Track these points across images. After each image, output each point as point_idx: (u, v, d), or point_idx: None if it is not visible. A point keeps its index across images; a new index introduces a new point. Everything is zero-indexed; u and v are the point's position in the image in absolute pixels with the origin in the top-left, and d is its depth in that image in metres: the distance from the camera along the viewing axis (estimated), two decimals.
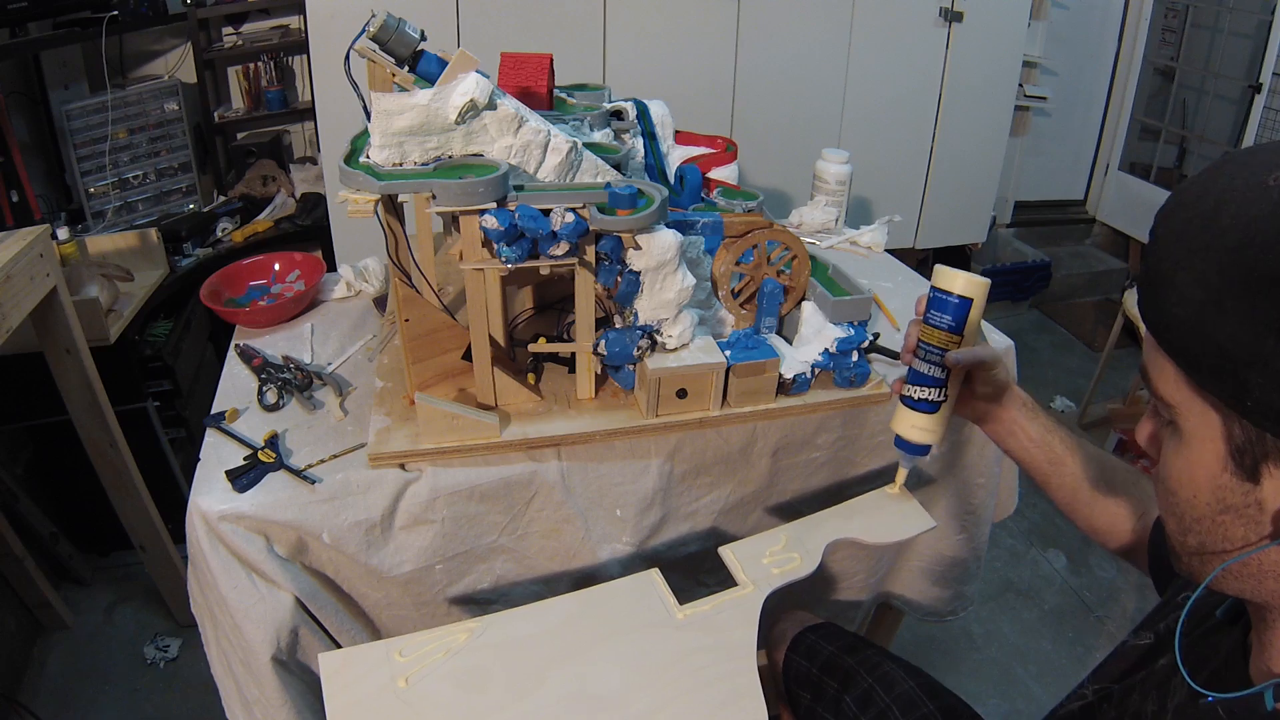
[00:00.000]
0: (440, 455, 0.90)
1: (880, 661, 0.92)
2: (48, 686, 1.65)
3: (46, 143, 2.15)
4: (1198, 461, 0.47)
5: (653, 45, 2.14)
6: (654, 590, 0.74)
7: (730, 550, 0.78)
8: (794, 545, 0.79)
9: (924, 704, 0.86)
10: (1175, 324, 0.45)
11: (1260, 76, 2.69)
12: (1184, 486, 0.49)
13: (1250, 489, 0.45)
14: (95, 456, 1.54)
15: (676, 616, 0.72)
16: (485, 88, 0.79)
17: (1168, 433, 0.50)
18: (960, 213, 2.73)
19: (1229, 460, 0.46)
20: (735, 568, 0.76)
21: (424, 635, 0.70)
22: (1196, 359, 0.45)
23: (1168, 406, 0.48)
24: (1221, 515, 0.47)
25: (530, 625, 0.71)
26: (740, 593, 0.74)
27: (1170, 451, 0.50)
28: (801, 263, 1.03)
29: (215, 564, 0.86)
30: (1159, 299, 0.46)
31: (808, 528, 0.81)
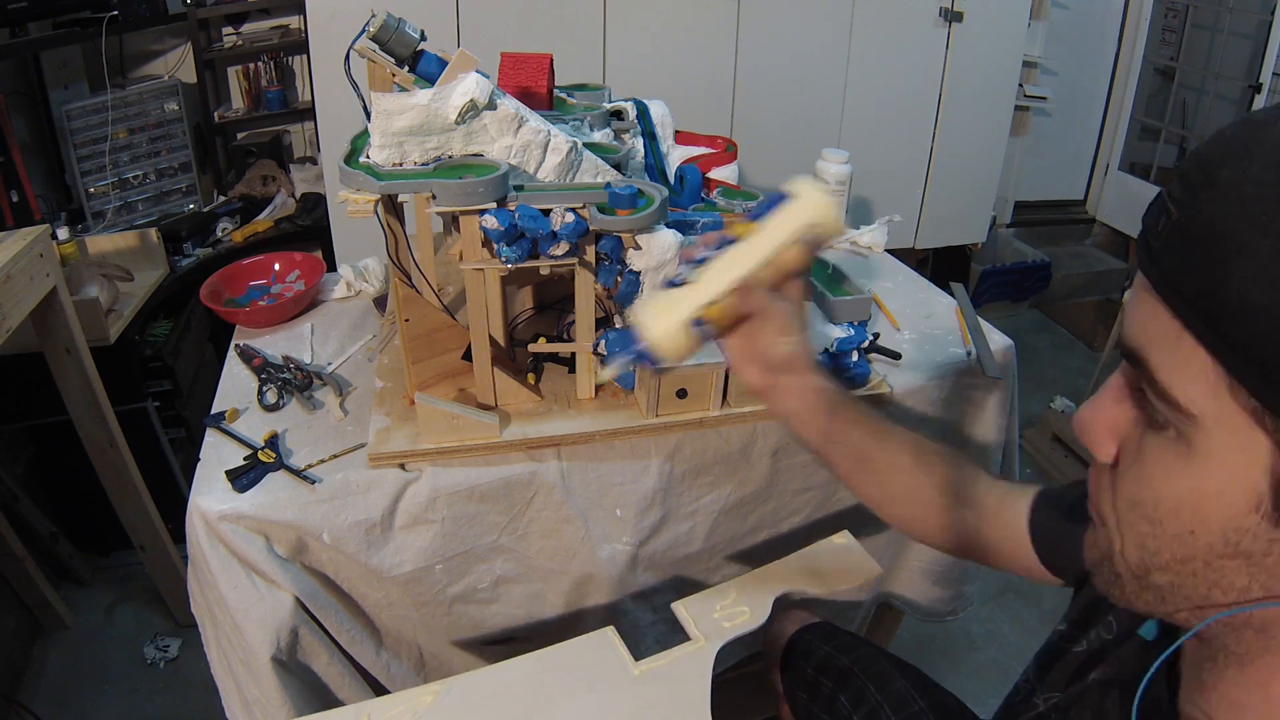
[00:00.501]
0: (440, 455, 0.90)
1: (874, 660, 0.92)
2: (48, 686, 1.65)
3: (46, 143, 2.15)
4: (1214, 493, 0.36)
5: (653, 45, 2.14)
6: (610, 648, 0.76)
7: (682, 605, 0.80)
8: (743, 599, 0.82)
9: (915, 701, 0.86)
10: (1243, 311, 0.33)
11: (1260, 76, 2.69)
12: (1179, 519, 0.38)
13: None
14: (95, 456, 1.54)
15: (633, 672, 0.74)
16: (485, 88, 0.79)
17: (1157, 442, 0.39)
18: (960, 213, 2.72)
19: (1268, 498, 0.35)
20: (688, 623, 0.78)
21: (391, 699, 0.72)
22: (1267, 364, 0.33)
23: (1183, 414, 0.36)
24: (1224, 560, 0.37)
25: (493, 686, 0.74)
26: (693, 647, 0.76)
27: (1163, 470, 0.38)
28: None
29: (215, 564, 0.86)
30: (1214, 269, 0.34)
31: (756, 582, 0.84)
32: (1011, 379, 1.16)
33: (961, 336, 1.15)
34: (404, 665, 1.02)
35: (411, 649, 1.02)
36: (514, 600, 1.02)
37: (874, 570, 0.86)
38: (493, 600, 1.01)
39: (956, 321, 1.20)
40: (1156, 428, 0.39)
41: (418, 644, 1.02)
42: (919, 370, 1.08)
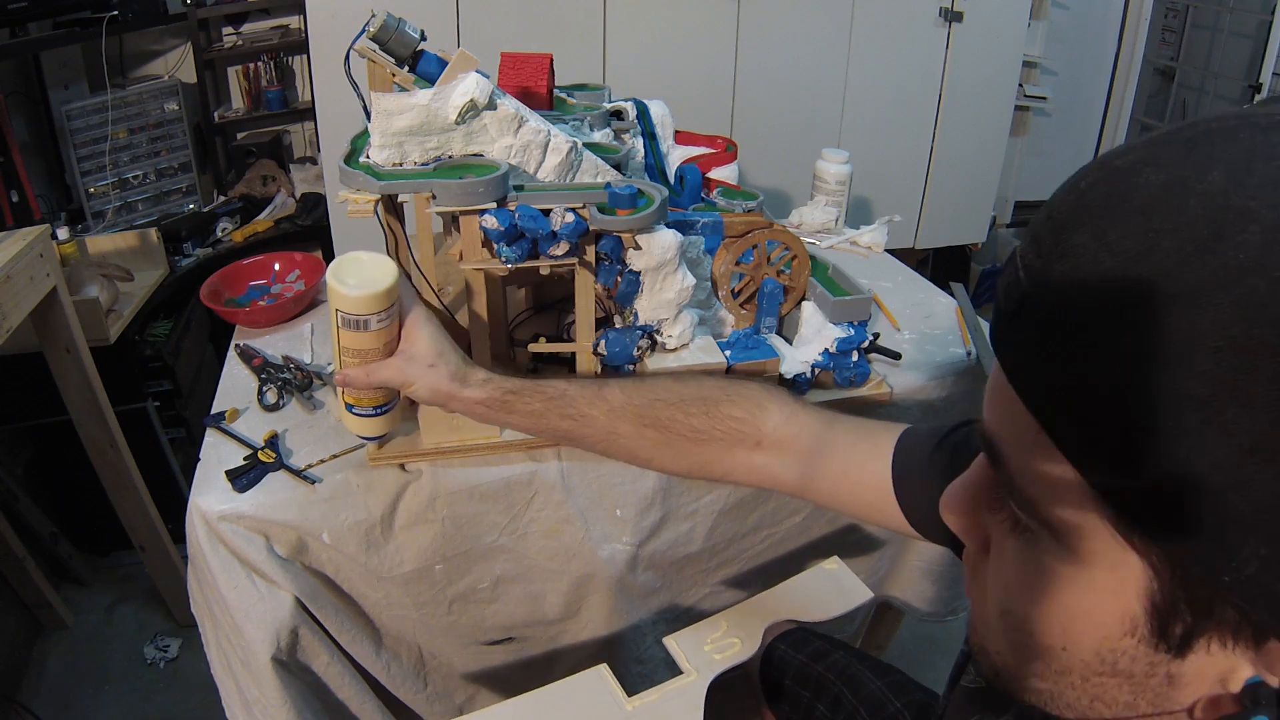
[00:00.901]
0: (440, 455, 0.90)
1: (849, 664, 0.92)
2: (48, 686, 1.65)
3: (46, 143, 2.16)
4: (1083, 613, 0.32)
5: (653, 45, 2.14)
6: (603, 685, 0.76)
7: (674, 640, 0.80)
8: (734, 630, 0.82)
9: (891, 702, 0.86)
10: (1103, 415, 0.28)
11: (1260, 76, 2.69)
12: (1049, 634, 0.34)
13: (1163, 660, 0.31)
14: (95, 456, 1.54)
15: (626, 708, 0.73)
16: (485, 88, 0.79)
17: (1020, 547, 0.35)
18: (960, 213, 2.72)
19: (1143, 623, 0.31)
20: (679, 657, 0.78)
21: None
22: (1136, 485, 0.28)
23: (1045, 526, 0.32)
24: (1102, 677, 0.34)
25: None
26: (685, 680, 0.76)
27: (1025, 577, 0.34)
28: (801, 263, 1.03)
29: (215, 564, 0.86)
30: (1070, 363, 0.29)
31: (746, 613, 0.84)
32: None
33: (961, 336, 1.15)
34: (404, 665, 1.02)
35: (411, 649, 1.02)
36: (514, 600, 1.02)
37: (864, 595, 0.86)
38: (493, 600, 1.01)
39: (956, 321, 1.20)
40: (1020, 530, 0.35)
41: (418, 644, 1.02)
42: (919, 370, 1.08)
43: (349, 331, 0.72)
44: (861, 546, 1.19)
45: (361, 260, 0.71)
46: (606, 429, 0.71)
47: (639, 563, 1.04)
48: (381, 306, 0.70)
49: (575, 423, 0.72)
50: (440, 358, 0.72)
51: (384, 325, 0.72)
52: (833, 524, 1.16)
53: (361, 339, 0.72)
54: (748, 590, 1.17)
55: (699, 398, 0.69)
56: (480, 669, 1.07)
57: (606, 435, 0.72)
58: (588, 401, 0.71)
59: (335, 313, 0.71)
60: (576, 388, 0.72)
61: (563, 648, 1.09)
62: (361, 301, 0.69)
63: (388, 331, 0.73)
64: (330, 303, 0.71)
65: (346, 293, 0.69)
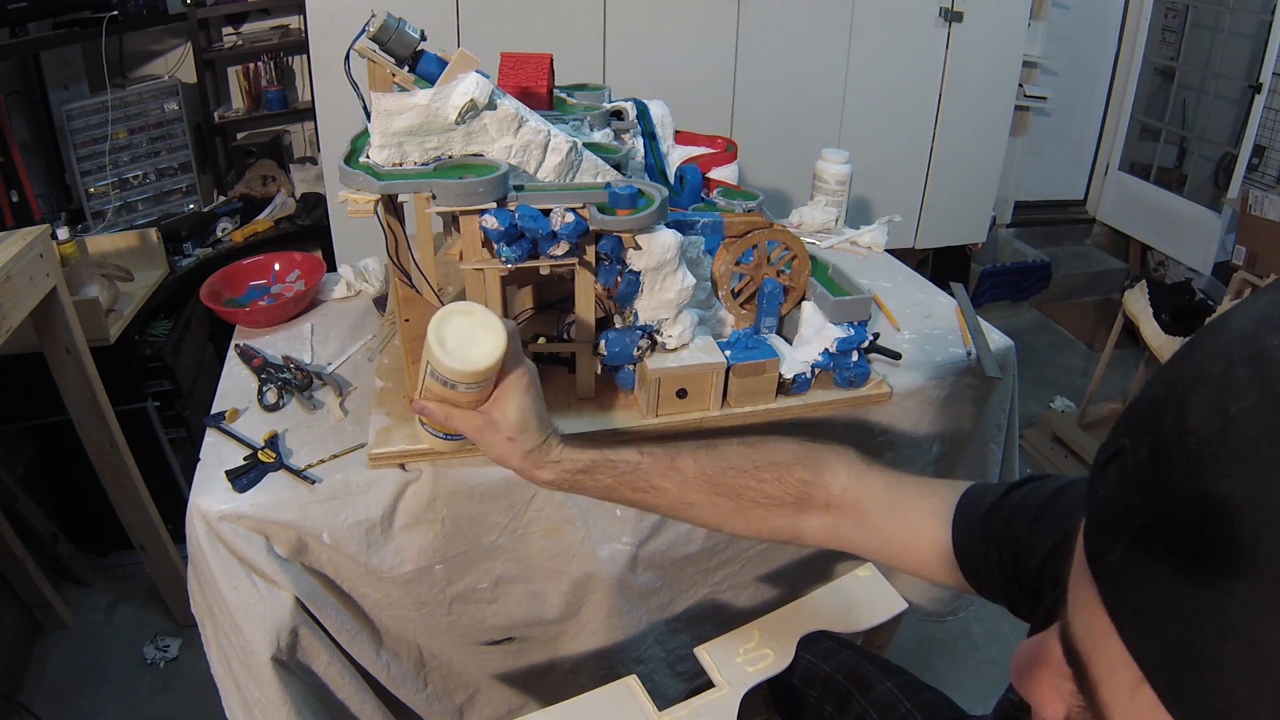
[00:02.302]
0: (440, 455, 0.90)
1: (857, 664, 0.92)
2: (48, 686, 1.65)
3: (46, 143, 2.16)
4: None
5: (653, 45, 2.14)
6: (633, 698, 0.74)
7: (705, 651, 0.78)
8: (767, 641, 0.80)
9: (902, 703, 0.86)
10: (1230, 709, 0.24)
11: (1260, 76, 2.69)
12: None
13: None
14: (95, 456, 1.54)
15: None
16: (485, 88, 0.79)
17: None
18: (960, 213, 2.73)
19: None
20: (711, 669, 0.76)
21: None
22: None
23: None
24: None
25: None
26: (717, 694, 0.74)
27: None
28: (801, 263, 1.03)
29: (215, 564, 0.86)
30: (1201, 643, 0.25)
31: (779, 622, 0.82)
32: (1011, 379, 1.16)
33: (961, 336, 1.15)
34: (404, 665, 1.02)
35: (411, 649, 1.02)
36: (514, 600, 1.02)
37: (899, 605, 0.83)
38: (493, 600, 1.01)
39: (956, 321, 1.20)
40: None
41: (418, 644, 1.02)
42: (919, 370, 1.08)
43: (435, 383, 0.68)
44: None
45: (474, 318, 0.67)
46: (679, 499, 0.72)
47: (639, 563, 1.04)
48: (475, 380, 0.67)
49: (647, 494, 0.72)
50: (521, 434, 0.70)
51: (472, 392, 0.69)
52: None
53: (447, 393, 0.69)
54: (747, 591, 1.17)
55: (770, 463, 0.70)
56: (480, 669, 1.07)
57: (679, 504, 0.72)
58: (660, 473, 0.71)
59: (426, 363, 0.68)
60: (649, 459, 0.72)
61: (563, 648, 1.09)
62: (454, 371, 0.66)
63: (476, 397, 0.70)
64: (425, 348, 0.67)
65: (441, 357, 0.65)
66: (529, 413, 0.70)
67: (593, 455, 0.72)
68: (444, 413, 0.71)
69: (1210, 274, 2.88)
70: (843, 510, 0.68)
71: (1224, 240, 2.80)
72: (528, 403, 0.70)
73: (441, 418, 0.71)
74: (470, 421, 0.71)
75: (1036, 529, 0.56)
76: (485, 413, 0.70)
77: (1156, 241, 3.16)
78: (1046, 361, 2.96)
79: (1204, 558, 0.24)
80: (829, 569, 1.21)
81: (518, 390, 0.70)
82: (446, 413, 0.71)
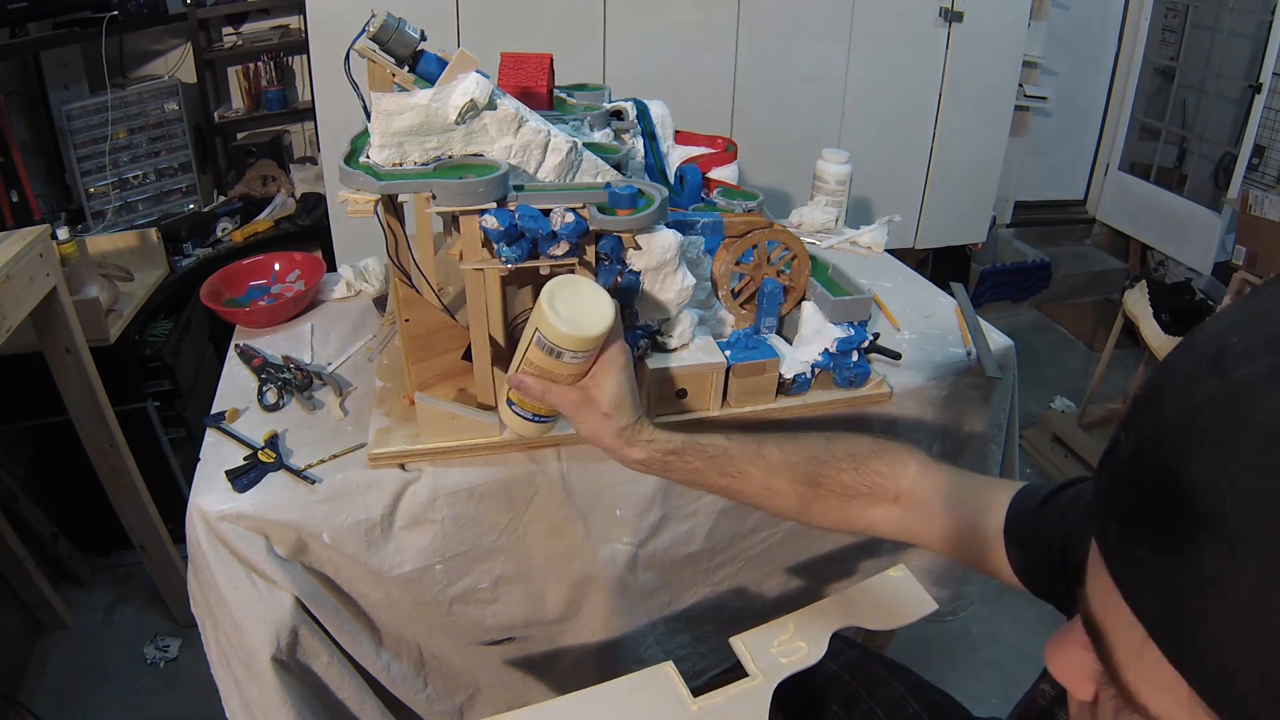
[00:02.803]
0: (440, 455, 0.90)
1: (863, 663, 0.92)
2: (48, 686, 1.65)
3: (46, 143, 2.16)
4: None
5: (653, 45, 2.14)
6: (668, 683, 0.74)
7: (740, 641, 0.79)
8: (800, 634, 0.80)
9: (909, 704, 0.86)
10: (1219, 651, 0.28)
11: (1260, 76, 2.69)
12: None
13: None
14: (95, 456, 1.54)
15: (690, 709, 0.72)
16: (485, 88, 0.79)
17: None
18: (960, 213, 2.73)
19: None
20: (745, 658, 0.77)
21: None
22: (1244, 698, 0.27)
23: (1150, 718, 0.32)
24: None
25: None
26: (751, 683, 0.75)
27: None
28: (801, 263, 1.03)
29: (215, 564, 0.86)
30: (1188, 598, 0.28)
31: (814, 616, 0.83)
32: (1011, 379, 1.16)
33: (961, 336, 1.15)
34: (404, 665, 1.02)
35: (411, 649, 1.02)
36: (514, 600, 1.02)
37: (929, 606, 0.84)
38: (493, 600, 1.01)
39: (956, 321, 1.20)
40: (1126, 713, 0.34)
41: (418, 644, 1.02)
42: (919, 370, 1.08)
43: (540, 351, 0.70)
44: (860, 547, 1.19)
45: (582, 290, 0.70)
46: (763, 485, 0.74)
47: (639, 563, 1.04)
48: (584, 348, 0.69)
49: (733, 479, 0.74)
50: (617, 409, 0.72)
51: (578, 362, 0.70)
52: None
53: (550, 363, 0.71)
54: (748, 591, 1.17)
55: (848, 454, 0.73)
56: (480, 669, 1.07)
57: (761, 491, 0.74)
58: (747, 459, 0.74)
59: (535, 330, 0.70)
60: (736, 445, 0.74)
61: (563, 648, 1.09)
62: (564, 336, 0.68)
63: (580, 367, 0.71)
64: (534, 315, 0.69)
65: (554, 322, 0.67)
66: (625, 390, 0.72)
67: (683, 438, 0.74)
68: (542, 387, 0.72)
69: (1210, 274, 2.88)
70: (911, 504, 0.71)
71: (1224, 240, 2.81)
72: (624, 380, 0.72)
73: (539, 392, 0.72)
74: (568, 396, 0.72)
75: (1084, 527, 0.58)
76: (583, 388, 0.72)
77: (1156, 241, 3.16)
78: (1046, 361, 2.96)
79: (1179, 528, 0.28)
80: (829, 569, 1.21)
81: (616, 367, 0.72)
82: (545, 387, 0.72)
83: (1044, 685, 0.60)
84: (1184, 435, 0.29)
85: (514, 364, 0.75)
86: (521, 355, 0.73)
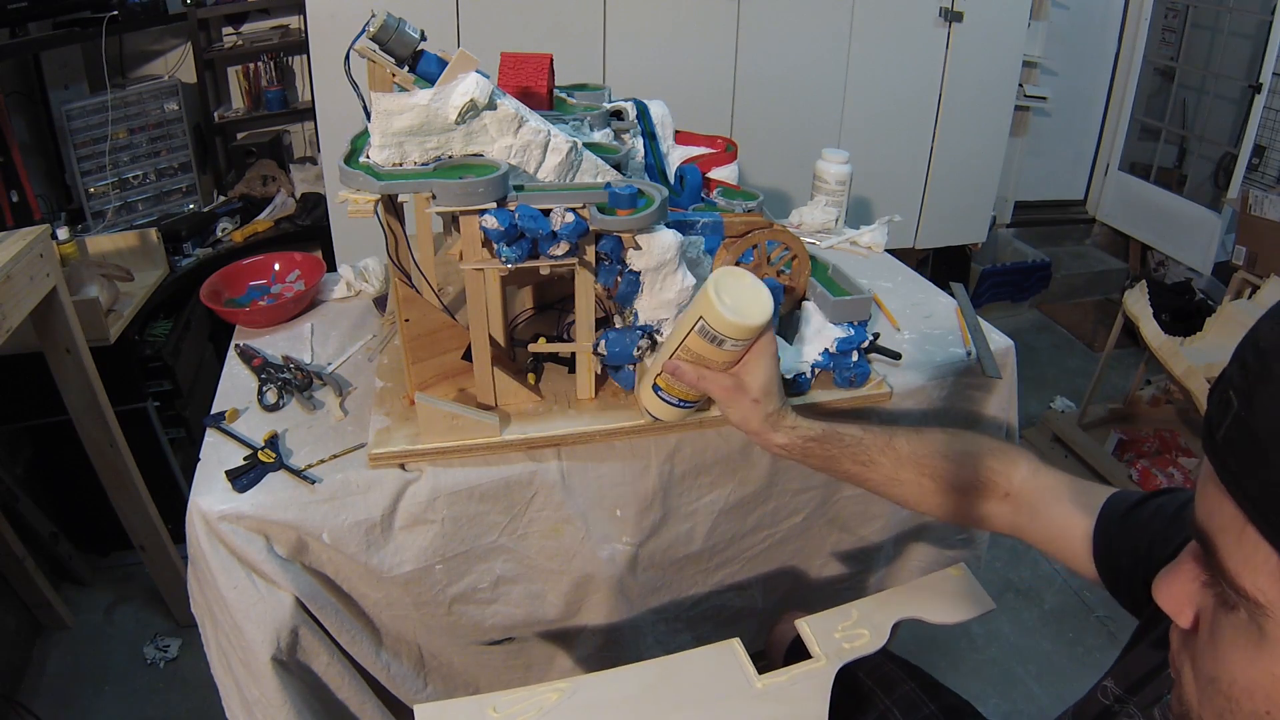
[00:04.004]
0: (440, 455, 0.90)
1: (880, 663, 0.92)
2: (48, 686, 1.65)
3: (46, 143, 2.16)
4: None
5: (653, 45, 2.14)
6: (734, 659, 0.77)
7: (806, 623, 0.82)
8: (864, 621, 0.83)
9: (925, 705, 0.86)
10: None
11: (1260, 76, 2.69)
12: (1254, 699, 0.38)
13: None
14: (95, 456, 1.54)
15: (756, 686, 0.75)
16: (485, 88, 0.79)
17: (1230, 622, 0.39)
18: (960, 213, 2.73)
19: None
20: (810, 641, 0.80)
21: (517, 693, 0.73)
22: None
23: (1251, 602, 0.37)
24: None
25: (618, 689, 0.74)
26: (814, 665, 0.77)
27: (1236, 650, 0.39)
28: (801, 263, 1.03)
29: (215, 564, 0.86)
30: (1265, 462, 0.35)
31: (876, 605, 0.86)
32: (1011, 379, 1.16)
33: (961, 336, 1.15)
34: (404, 665, 1.02)
35: (411, 649, 1.02)
36: (514, 600, 1.02)
37: (988, 605, 0.89)
38: (493, 600, 1.01)
39: (956, 321, 1.20)
40: (1229, 607, 0.39)
41: (418, 644, 1.02)
42: (919, 370, 1.08)
43: (701, 338, 0.75)
44: (861, 546, 1.19)
45: (743, 281, 0.74)
46: (891, 475, 0.79)
47: (639, 563, 1.04)
48: (745, 337, 0.74)
49: (864, 468, 0.80)
50: (766, 396, 0.78)
51: (736, 349, 0.75)
52: (832, 525, 1.16)
53: (709, 350, 0.75)
54: (747, 591, 1.17)
55: (969, 451, 0.78)
56: (480, 669, 1.07)
57: (889, 481, 0.80)
58: (879, 450, 0.79)
59: (699, 318, 0.74)
60: (870, 436, 0.80)
61: (563, 648, 1.09)
62: (730, 325, 0.72)
63: (736, 355, 0.76)
64: (697, 303, 0.74)
65: (721, 310, 0.71)
66: (774, 378, 0.78)
67: (823, 426, 0.80)
68: (697, 373, 0.78)
69: (1210, 274, 2.88)
70: (1019, 502, 0.75)
71: (1224, 240, 2.81)
72: (773, 368, 0.78)
73: (694, 378, 0.78)
74: (721, 383, 0.78)
75: (1169, 530, 0.62)
76: (735, 375, 0.78)
77: (1156, 241, 3.16)
78: (1046, 361, 2.96)
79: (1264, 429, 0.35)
80: (828, 569, 1.21)
81: (767, 356, 0.77)
82: (700, 373, 0.78)
83: (1106, 682, 0.63)
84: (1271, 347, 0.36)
85: (667, 351, 0.80)
86: (678, 342, 0.78)
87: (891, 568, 1.27)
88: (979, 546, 1.26)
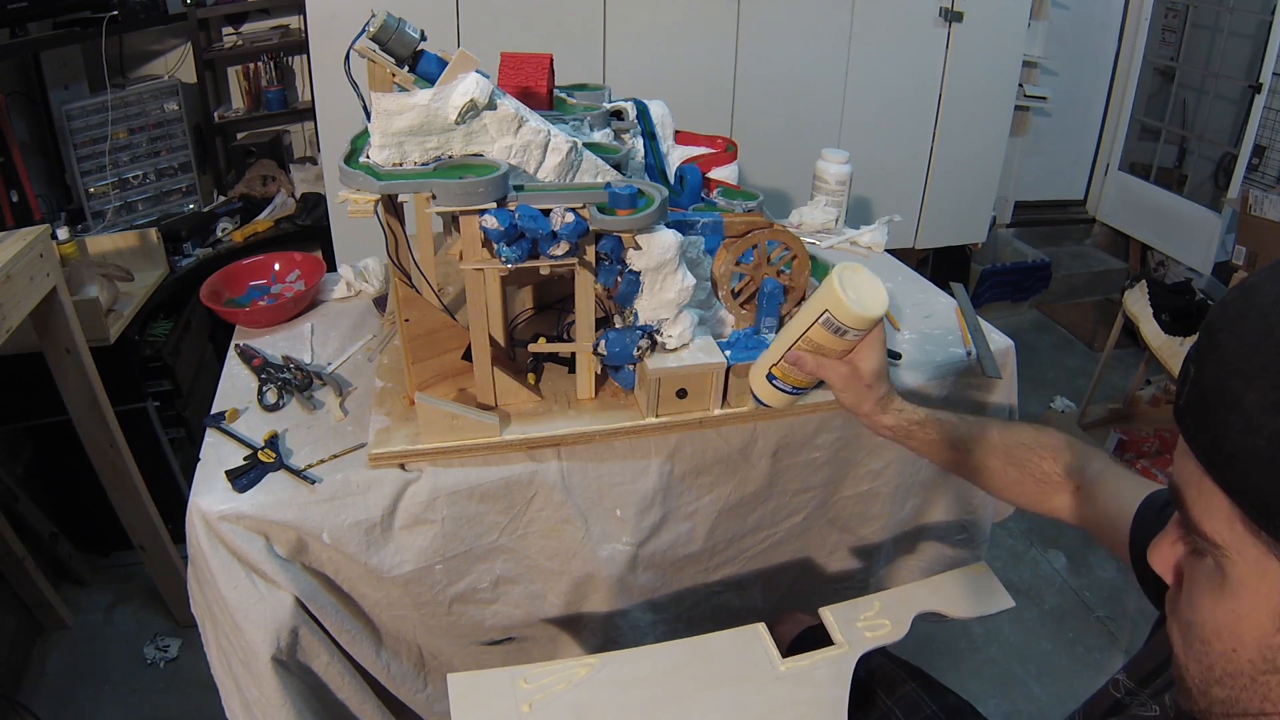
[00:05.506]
0: (440, 455, 0.90)
1: (881, 663, 0.92)
2: (48, 686, 1.66)
3: (46, 143, 2.16)
4: (1245, 615, 0.41)
5: (653, 45, 2.14)
6: (759, 643, 0.79)
7: (829, 611, 0.84)
8: (886, 612, 0.86)
9: (927, 705, 0.86)
10: (1239, 455, 0.38)
11: (1260, 76, 2.69)
12: (1221, 639, 0.43)
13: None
14: (95, 456, 1.54)
15: (779, 669, 0.77)
16: (485, 88, 0.79)
17: (1200, 569, 0.44)
18: (960, 213, 2.73)
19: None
20: (833, 628, 0.82)
21: (547, 666, 0.75)
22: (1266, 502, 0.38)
23: (1212, 545, 0.42)
24: (1266, 675, 0.41)
25: (644, 667, 0.76)
26: (836, 651, 0.80)
27: (1205, 595, 0.43)
28: (801, 263, 1.03)
29: (215, 564, 0.86)
30: (1217, 422, 0.39)
31: (898, 598, 0.88)
32: (1011, 379, 1.16)
33: (961, 336, 1.16)
34: (404, 665, 1.02)
35: (411, 649, 1.02)
36: (514, 600, 1.02)
37: (1008, 603, 0.91)
38: (493, 600, 1.01)
39: (956, 321, 1.20)
40: (1198, 556, 0.44)
41: (418, 644, 1.02)
42: (919, 370, 1.08)
43: (824, 330, 0.80)
44: (861, 546, 1.19)
45: (862, 276, 0.79)
46: (980, 463, 0.84)
47: (639, 563, 1.04)
48: (866, 327, 0.79)
49: (958, 453, 0.85)
50: (877, 381, 0.84)
51: (855, 339, 0.81)
52: (832, 525, 1.16)
53: (830, 340, 0.81)
54: (747, 591, 1.17)
55: (1049, 445, 0.82)
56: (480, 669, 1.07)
57: (978, 467, 0.84)
58: (973, 438, 0.84)
59: (823, 311, 0.78)
60: (965, 425, 0.85)
61: (563, 648, 1.09)
62: (855, 316, 0.77)
63: (853, 344, 0.81)
64: (820, 297, 0.78)
65: (848, 303, 0.76)
66: (884, 364, 0.84)
67: (926, 411, 0.86)
68: (816, 363, 0.84)
69: (1210, 274, 2.88)
70: (1086, 494, 0.79)
71: (1224, 240, 2.81)
72: (884, 355, 0.84)
73: (813, 366, 0.84)
74: (838, 370, 0.83)
75: None
76: (849, 363, 0.84)
77: (1156, 241, 3.16)
78: (1046, 361, 2.96)
79: (1216, 375, 0.40)
80: (828, 569, 1.21)
81: (878, 344, 0.83)
82: (819, 362, 0.84)
83: (1119, 676, 0.64)
84: (1216, 320, 0.41)
85: (786, 343, 0.84)
86: (799, 335, 0.82)
87: (891, 567, 1.27)
88: (979, 546, 1.26)
